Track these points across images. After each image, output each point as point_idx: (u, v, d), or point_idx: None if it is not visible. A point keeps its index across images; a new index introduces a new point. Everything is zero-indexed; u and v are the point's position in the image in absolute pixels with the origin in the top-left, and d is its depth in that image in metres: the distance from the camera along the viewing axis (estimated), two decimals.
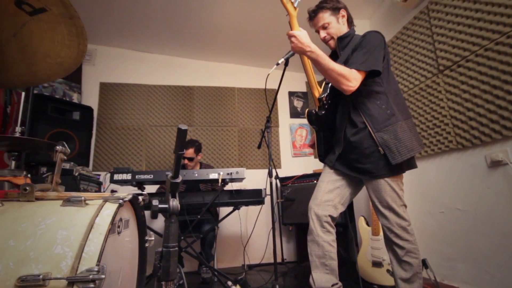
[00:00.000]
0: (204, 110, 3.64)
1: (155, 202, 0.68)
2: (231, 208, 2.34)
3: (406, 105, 1.53)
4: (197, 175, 2.20)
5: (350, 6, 2.78)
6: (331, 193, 1.52)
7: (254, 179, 3.12)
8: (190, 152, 2.77)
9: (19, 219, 0.72)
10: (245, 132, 3.72)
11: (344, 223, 2.62)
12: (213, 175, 2.19)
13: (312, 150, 3.87)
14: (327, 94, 1.58)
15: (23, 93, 2.25)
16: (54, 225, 0.72)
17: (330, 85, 1.56)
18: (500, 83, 1.68)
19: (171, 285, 0.65)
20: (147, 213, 1.17)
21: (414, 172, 1.84)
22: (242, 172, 2.21)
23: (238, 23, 3.01)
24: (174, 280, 0.66)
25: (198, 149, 2.86)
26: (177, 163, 0.68)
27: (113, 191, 2.75)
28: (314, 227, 1.49)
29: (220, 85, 3.75)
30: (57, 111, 2.83)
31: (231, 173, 2.19)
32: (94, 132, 3.22)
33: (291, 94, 4.02)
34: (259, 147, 2.39)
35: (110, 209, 0.78)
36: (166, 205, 0.68)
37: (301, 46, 1.35)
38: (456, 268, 1.98)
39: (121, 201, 0.82)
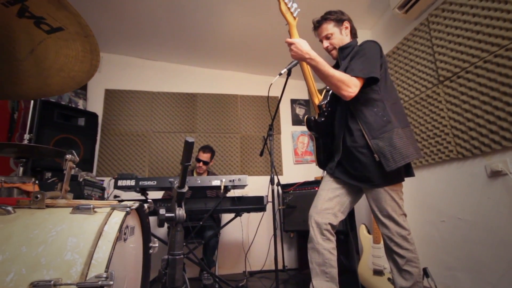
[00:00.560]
0: (207, 117, 3.69)
1: (162, 211, 0.71)
2: (233, 215, 2.36)
3: (405, 114, 1.54)
4: (199, 181, 2.23)
5: (352, 17, 2.82)
6: (331, 201, 1.54)
7: (255, 185, 3.14)
8: (207, 156, 2.92)
9: (30, 226, 0.75)
10: (247, 139, 3.75)
11: (345, 231, 2.63)
12: (216, 182, 2.22)
13: (313, 157, 3.89)
14: (327, 101, 1.61)
15: (31, 100, 2.30)
16: (64, 232, 0.74)
17: (331, 92, 1.59)
18: (499, 95, 1.71)
19: None
20: (151, 220, 1.20)
21: (415, 181, 1.87)
22: (245, 179, 2.23)
23: (241, 32, 3.07)
24: (179, 287, 0.68)
25: (213, 156, 3.03)
26: (183, 173, 0.71)
27: (116, 196, 2.78)
28: (314, 235, 1.50)
29: (223, 92, 3.80)
30: (63, 117, 2.88)
31: (233, 180, 2.22)
32: (98, 138, 3.26)
33: (293, 102, 4.06)
34: (261, 155, 2.42)
35: (118, 217, 0.81)
36: (173, 214, 0.71)
37: (301, 54, 1.38)
38: (457, 277, 1.98)
39: (128, 209, 0.85)
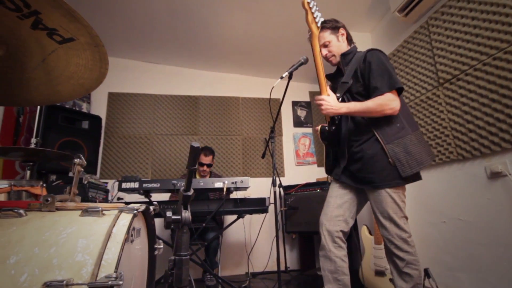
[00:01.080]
0: (209, 119, 3.72)
1: (168, 213, 0.74)
2: (235, 216, 2.38)
3: (412, 116, 1.58)
4: (202, 184, 2.25)
5: (353, 20, 2.87)
6: (340, 208, 1.56)
7: (257, 187, 3.16)
8: (210, 159, 2.92)
9: (42, 228, 0.78)
10: (249, 140, 3.78)
11: (353, 234, 2.64)
12: (218, 184, 2.24)
13: (315, 159, 3.92)
14: None
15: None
16: (74, 234, 0.77)
17: (340, 100, 1.60)
18: (498, 97, 1.73)
19: None
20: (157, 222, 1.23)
21: (416, 183, 1.88)
22: (247, 181, 2.26)
23: (243, 36, 3.10)
24: (186, 287, 0.71)
25: (214, 156, 3.03)
26: (189, 177, 0.74)
27: (119, 198, 2.81)
28: (326, 243, 1.52)
29: (225, 94, 3.83)
30: (67, 120, 2.92)
31: (235, 182, 2.25)
32: (102, 140, 3.30)
33: (295, 104, 4.08)
34: (263, 157, 2.44)
35: (126, 219, 0.84)
36: (179, 216, 0.74)
37: (334, 109, 1.45)
38: (458, 277, 2.00)
39: (135, 211, 0.88)
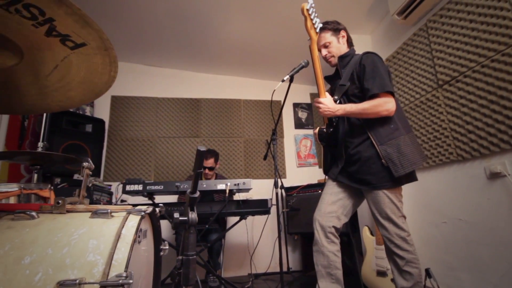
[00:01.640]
0: (211, 121, 3.75)
1: (176, 215, 0.77)
2: (238, 218, 2.41)
3: (406, 119, 1.61)
4: (205, 186, 2.29)
5: (352, 22, 2.90)
6: (334, 204, 1.60)
7: (259, 188, 3.19)
8: (211, 162, 2.90)
9: (54, 229, 0.81)
10: (250, 142, 3.81)
11: (348, 233, 2.67)
12: (221, 186, 2.27)
13: (316, 160, 3.94)
14: None
15: None
16: (85, 235, 0.80)
17: (338, 102, 1.64)
18: (497, 98, 1.76)
19: None
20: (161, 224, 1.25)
21: (416, 183, 1.90)
22: (249, 182, 2.29)
23: (244, 38, 3.14)
24: (192, 285, 0.74)
25: (217, 159, 2.99)
26: (195, 180, 0.77)
27: (123, 201, 2.84)
28: (319, 238, 1.55)
29: (227, 97, 3.87)
30: (71, 124, 2.96)
31: (238, 183, 2.28)
32: (105, 143, 3.33)
33: (296, 106, 4.11)
34: (265, 158, 2.47)
35: (134, 220, 0.87)
36: (186, 218, 0.76)
37: (330, 111, 1.50)
38: (459, 277, 2.02)
39: (143, 213, 0.91)
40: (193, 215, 0.76)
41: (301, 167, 3.90)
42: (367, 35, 3.07)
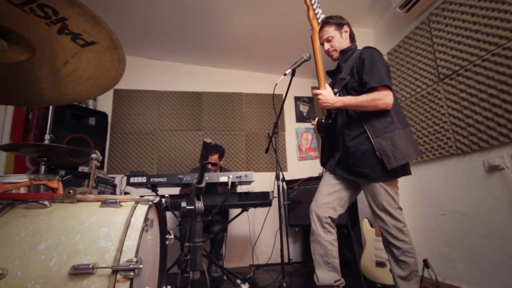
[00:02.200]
0: (213, 115, 3.78)
1: (183, 204, 0.80)
2: (240, 210, 2.45)
3: (404, 114, 1.64)
4: (208, 178, 2.32)
5: (354, 15, 2.89)
6: (330, 196, 1.63)
7: (260, 181, 3.23)
8: (215, 158, 2.89)
9: (66, 218, 0.85)
10: (252, 136, 3.84)
11: (348, 225, 2.71)
12: (223, 178, 2.31)
13: (317, 154, 3.97)
14: None
15: None
16: (96, 223, 0.84)
17: (337, 95, 1.66)
18: (497, 92, 1.77)
19: (197, 274, 0.77)
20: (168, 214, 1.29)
21: (416, 176, 1.94)
22: (251, 175, 2.32)
23: (246, 32, 3.14)
24: (199, 270, 0.78)
25: (222, 155, 2.98)
26: (201, 170, 0.80)
27: (126, 193, 2.89)
28: (315, 228, 1.60)
29: (228, 90, 3.88)
30: (75, 117, 2.99)
31: (240, 176, 2.31)
32: (108, 136, 3.37)
33: (297, 99, 4.13)
34: (266, 152, 2.50)
35: (142, 210, 0.91)
36: (193, 207, 0.80)
37: (329, 103, 1.52)
38: (457, 268, 2.06)
39: (150, 203, 0.95)
40: (199, 204, 0.80)
41: (302, 160, 3.93)
42: (369, 28, 3.07)
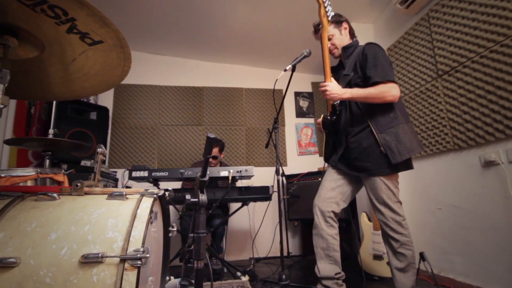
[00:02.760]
0: (213, 110, 3.80)
1: (187, 196, 0.83)
2: (240, 204, 2.49)
3: (405, 109, 1.67)
4: (208, 172, 2.35)
5: (355, 11, 2.90)
6: (333, 191, 1.67)
7: (260, 176, 3.26)
8: (215, 151, 2.95)
9: (75, 209, 0.88)
10: (252, 131, 3.87)
11: (347, 219, 2.76)
12: (224, 173, 2.34)
13: (317, 149, 4.01)
14: (340, 101, 1.73)
15: None
16: (104, 214, 0.87)
17: None
18: (494, 89, 1.80)
19: (201, 263, 0.81)
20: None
21: (414, 171, 1.96)
22: (251, 170, 2.36)
23: (247, 27, 3.14)
24: (203, 260, 0.81)
25: (222, 149, 3.05)
26: (205, 164, 0.83)
27: (127, 187, 2.92)
28: (318, 222, 1.64)
29: (229, 85, 3.90)
30: (76, 111, 3.01)
31: (240, 171, 2.34)
32: (109, 131, 3.39)
33: (297, 94, 4.14)
34: (266, 147, 2.53)
35: (147, 202, 0.94)
36: (196, 199, 0.83)
37: (337, 94, 1.52)
38: (452, 260, 2.11)
39: (155, 195, 0.98)
40: (203, 197, 0.83)
41: (301, 155, 3.97)
42: (369, 24, 3.08)
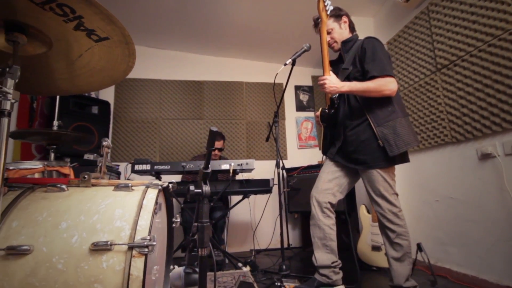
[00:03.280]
0: (214, 103, 3.82)
1: (191, 187, 0.87)
2: (241, 196, 2.53)
3: (403, 103, 1.69)
4: (210, 165, 2.39)
5: (355, 4, 2.90)
6: (330, 182, 1.71)
7: (261, 169, 3.30)
8: (221, 144, 3.09)
9: (83, 200, 0.92)
10: (252, 124, 3.89)
11: (346, 211, 2.80)
12: (225, 166, 2.38)
13: (317, 142, 4.04)
14: (338, 95, 1.76)
15: None
16: (111, 205, 0.91)
17: None
18: (491, 82, 1.82)
19: (205, 251, 0.85)
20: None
21: (412, 164, 2.00)
22: (252, 163, 2.39)
23: (247, 20, 3.15)
24: (206, 248, 0.85)
25: (224, 141, 3.20)
26: (208, 157, 0.86)
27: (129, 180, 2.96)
28: (315, 213, 1.68)
29: (229, 79, 3.91)
30: (78, 105, 3.03)
31: (241, 164, 2.38)
32: (111, 125, 3.42)
33: (297, 88, 4.16)
34: (267, 140, 2.56)
35: (153, 193, 0.98)
36: (200, 190, 0.87)
37: (335, 88, 1.54)
38: (449, 251, 2.16)
39: (160, 187, 1.02)
40: (206, 188, 0.86)
41: (302, 149, 4.00)
42: (369, 18, 3.08)
